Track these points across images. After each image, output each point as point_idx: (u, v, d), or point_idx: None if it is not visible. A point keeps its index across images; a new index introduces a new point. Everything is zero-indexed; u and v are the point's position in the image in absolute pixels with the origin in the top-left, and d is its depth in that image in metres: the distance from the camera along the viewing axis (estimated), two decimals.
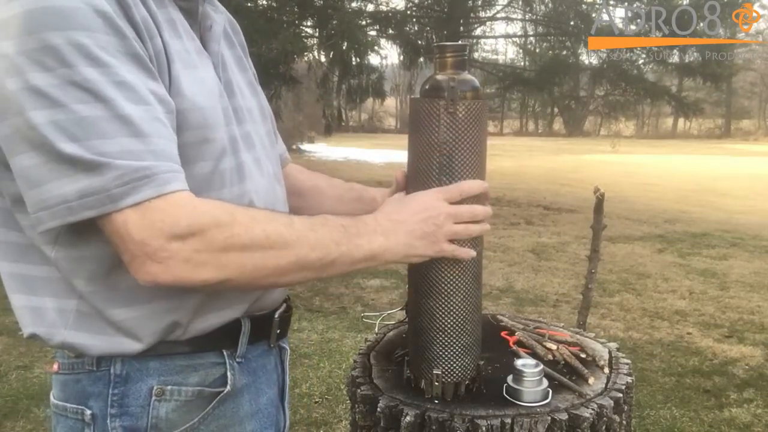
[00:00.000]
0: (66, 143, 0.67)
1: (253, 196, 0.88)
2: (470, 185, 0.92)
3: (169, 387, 0.83)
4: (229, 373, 0.87)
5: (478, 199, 0.93)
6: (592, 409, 0.96)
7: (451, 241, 0.90)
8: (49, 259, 0.78)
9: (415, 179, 0.96)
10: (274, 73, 9.03)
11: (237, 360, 0.89)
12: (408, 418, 0.94)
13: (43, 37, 0.67)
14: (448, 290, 0.96)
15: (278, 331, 0.96)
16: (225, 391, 0.87)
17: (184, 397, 0.84)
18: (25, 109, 0.67)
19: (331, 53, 9.91)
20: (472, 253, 0.93)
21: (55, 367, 0.86)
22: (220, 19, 0.94)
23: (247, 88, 0.96)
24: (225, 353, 0.87)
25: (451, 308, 0.96)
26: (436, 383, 0.98)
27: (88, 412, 0.82)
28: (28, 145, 0.68)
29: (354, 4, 10.98)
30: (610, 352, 1.19)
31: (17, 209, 0.77)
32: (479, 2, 12.59)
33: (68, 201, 0.68)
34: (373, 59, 11.95)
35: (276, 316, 0.96)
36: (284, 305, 0.98)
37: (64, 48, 0.67)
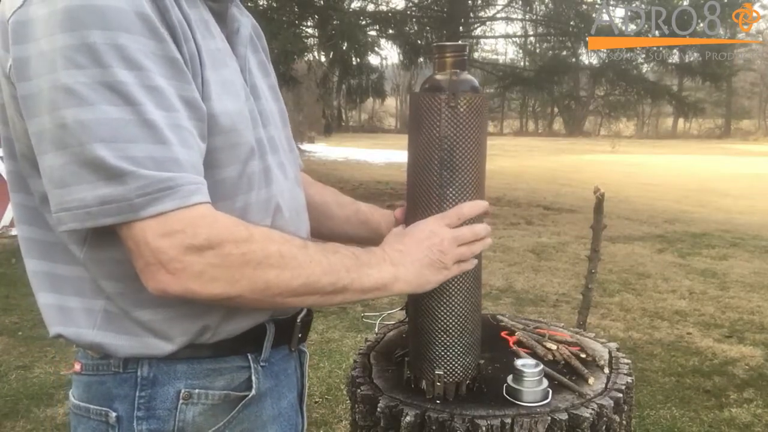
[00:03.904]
0: (91, 143, 0.66)
1: (279, 201, 0.88)
2: (469, 208, 0.92)
3: (196, 391, 0.83)
4: (253, 377, 0.87)
5: (477, 216, 0.94)
6: (592, 409, 0.96)
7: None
8: (77, 258, 0.78)
9: (415, 176, 0.96)
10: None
11: (261, 364, 0.89)
12: (408, 418, 0.94)
13: (82, 35, 0.66)
14: (450, 290, 0.96)
15: (299, 335, 0.96)
16: (250, 395, 0.87)
17: (210, 400, 0.83)
18: (55, 107, 0.67)
19: (331, 53, 9.94)
20: (476, 261, 0.95)
21: (77, 367, 0.85)
22: (247, 22, 0.93)
23: (269, 93, 0.96)
24: (250, 357, 0.87)
25: (453, 308, 0.96)
26: (438, 384, 0.98)
27: (113, 414, 0.81)
28: (54, 145, 0.68)
29: (354, 4, 11.00)
30: (610, 352, 1.19)
31: (45, 208, 0.76)
32: (479, 2, 12.61)
33: (89, 206, 0.67)
34: (373, 59, 12.00)
35: (298, 320, 0.95)
36: (305, 309, 0.98)
37: (101, 47, 0.66)
